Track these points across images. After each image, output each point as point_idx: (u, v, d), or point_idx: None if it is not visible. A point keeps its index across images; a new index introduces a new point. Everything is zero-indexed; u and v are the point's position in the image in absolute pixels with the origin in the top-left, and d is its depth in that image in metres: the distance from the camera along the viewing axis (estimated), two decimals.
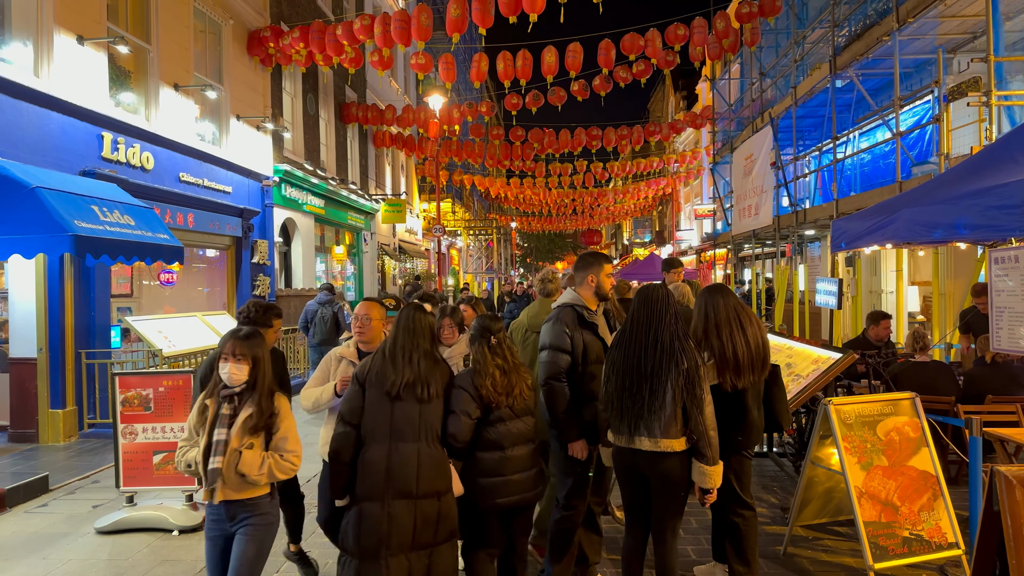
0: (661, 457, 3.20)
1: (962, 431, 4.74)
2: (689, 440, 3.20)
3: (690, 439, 3.20)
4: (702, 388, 3.17)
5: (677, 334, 3.23)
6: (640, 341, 3.26)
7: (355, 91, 18.50)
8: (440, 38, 17.11)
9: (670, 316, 3.26)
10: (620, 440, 3.32)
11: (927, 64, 10.43)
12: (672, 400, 3.16)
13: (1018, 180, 3.69)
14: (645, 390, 3.20)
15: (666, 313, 3.26)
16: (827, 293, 9.47)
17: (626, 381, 3.26)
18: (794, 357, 5.64)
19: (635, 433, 3.24)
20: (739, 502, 3.76)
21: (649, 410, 3.19)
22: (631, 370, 3.25)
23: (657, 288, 3.37)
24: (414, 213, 25.84)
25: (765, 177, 13.81)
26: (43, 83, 7.55)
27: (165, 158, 9.63)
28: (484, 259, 44.39)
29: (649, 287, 3.40)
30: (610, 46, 13.24)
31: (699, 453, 3.18)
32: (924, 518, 3.99)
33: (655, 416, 3.18)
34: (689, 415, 3.17)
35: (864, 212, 6.23)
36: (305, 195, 14.38)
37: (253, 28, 12.36)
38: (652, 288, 3.38)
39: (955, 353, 7.82)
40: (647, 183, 29.98)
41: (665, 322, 3.24)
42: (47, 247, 6.07)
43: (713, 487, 3.19)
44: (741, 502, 3.77)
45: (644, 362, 3.22)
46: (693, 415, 3.16)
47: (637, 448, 3.24)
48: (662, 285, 3.41)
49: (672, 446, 3.19)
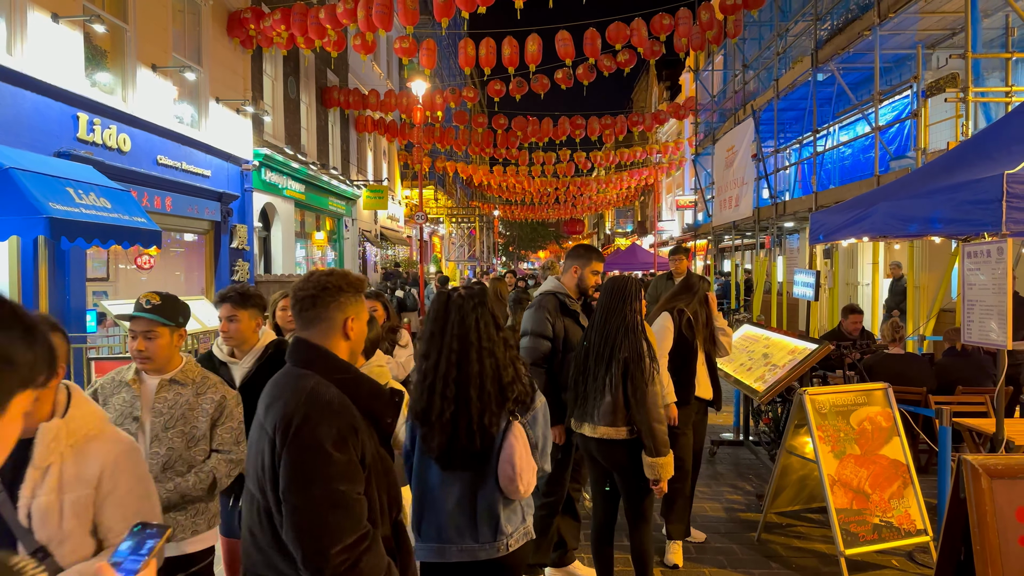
0: (605, 444, 3.27)
1: (933, 421, 4.84)
2: (632, 431, 3.20)
3: (633, 430, 3.20)
4: (644, 380, 3.14)
5: (624, 325, 3.23)
6: (597, 329, 3.33)
7: (337, 75, 18.30)
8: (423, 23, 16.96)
9: (625, 306, 3.26)
10: (574, 425, 3.42)
11: (907, 59, 10.55)
12: (611, 389, 3.18)
13: (992, 176, 3.75)
14: (589, 378, 3.28)
15: (621, 303, 3.27)
16: (804, 285, 9.59)
17: (578, 368, 3.36)
18: (771, 347, 5.72)
19: (582, 419, 3.33)
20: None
21: (590, 397, 3.26)
22: (582, 358, 3.35)
23: (620, 279, 3.41)
24: (396, 200, 25.68)
25: (746, 169, 13.91)
26: (16, 61, 7.37)
27: (142, 140, 9.47)
28: (467, 247, 44.30)
29: (615, 278, 3.44)
30: (595, 35, 13.22)
31: (643, 444, 3.17)
32: (894, 505, 4.08)
33: (595, 403, 3.25)
34: (629, 405, 3.17)
35: (842, 205, 6.30)
36: (285, 180, 14.22)
37: (233, 9, 12.15)
38: (616, 279, 3.42)
39: (928, 345, 7.98)
40: (630, 173, 30.05)
41: (616, 312, 3.26)
42: (20, 229, 5.96)
43: (659, 478, 3.14)
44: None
45: (591, 351, 3.30)
46: (632, 405, 3.15)
47: (582, 433, 3.34)
48: (629, 276, 3.45)
49: (610, 434, 3.23)
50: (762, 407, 6.40)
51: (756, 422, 6.87)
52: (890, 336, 5.87)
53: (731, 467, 6.23)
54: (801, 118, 13.47)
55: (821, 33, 10.72)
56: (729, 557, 4.34)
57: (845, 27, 9.88)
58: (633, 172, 29.98)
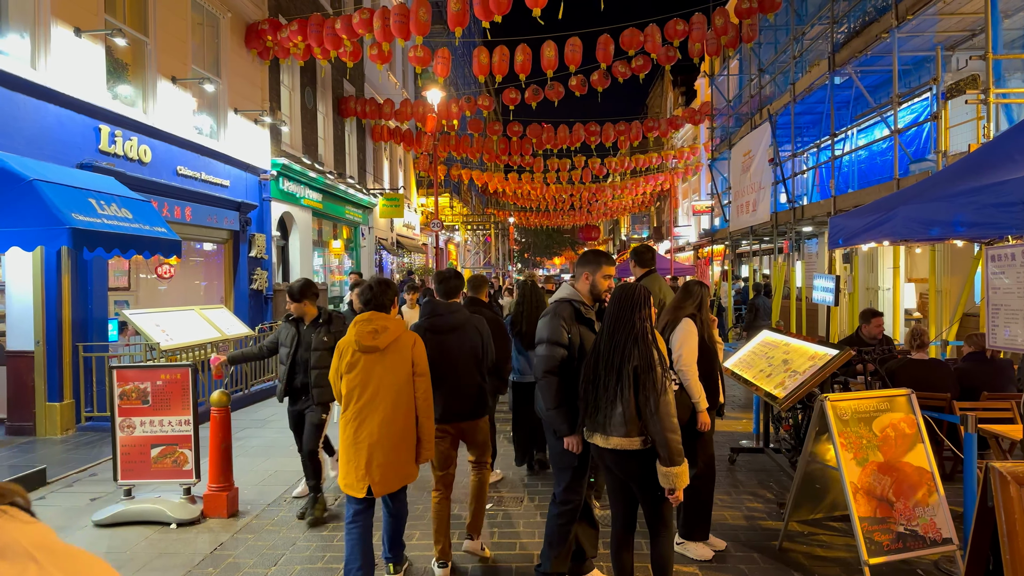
0: (619, 455, 3.23)
1: (957, 427, 4.76)
2: (646, 441, 3.16)
3: (647, 440, 3.16)
4: (655, 390, 3.08)
5: (634, 334, 3.18)
6: (605, 339, 3.29)
7: (353, 85, 18.45)
8: (438, 32, 17.06)
9: (634, 315, 3.22)
10: (587, 435, 3.40)
11: (926, 61, 10.44)
12: (624, 399, 3.14)
13: (1016, 178, 3.70)
14: (599, 387, 3.24)
15: (630, 311, 3.23)
16: (824, 290, 9.50)
17: (588, 377, 3.32)
18: (791, 353, 5.66)
19: (593, 429, 3.30)
20: None
21: (601, 407, 3.22)
22: (592, 367, 3.30)
23: (630, 287, 3.35)
24: (412, 207, 25.81)
25: (763, 173, 13.82)
26: (40, 75, 7.52)
27: (163, 151, 9.60)
28: (482, 254, 44.37)
29: (624, 285, 3.39)
30: (609, 41, 13.21)
31: (657, 454, 3.13)
32: (919, 514, 4.01)
33: (607, 414, 3.21)
34: (641, 415, 3.13)
35: (862, 209, 6.24)
36: (303, 189, 14.35)
37: (251, 21, 12.32)
38: (626, 286, 3.37)
39: (951, 350, 7.85)
40: (645, 179, 29.95)
41: (626, 321, 3.22)
42: (45, 240, 6.06)
43: (674, 487, 3.09)
44: None
45: (601, 360, 3.26)
46: (644, 415, 3.11)
47: (596, 444, 3.31)
48: (638, 284, 3.38)
49: (623, 444, 3.18)
50: (782, 414, 6.34)
51: (776, 429, 6.80)
52: (910, 342, 5.78)
53: (751, 475, 6.16)
54: (818, 122, 13.37)
55: (838, 36, 10.64)
56: (750, 566, 4.28)
57: (862, 30, 9.80)
58: (648, 177, 29.89)
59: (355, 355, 3.73)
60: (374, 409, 3.68)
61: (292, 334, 5.18)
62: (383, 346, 3.72)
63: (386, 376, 3.71)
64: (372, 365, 3.71)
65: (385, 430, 3.67)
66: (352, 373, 3.72)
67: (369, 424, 3.67)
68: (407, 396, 3.75)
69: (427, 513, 4.84)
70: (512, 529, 4.96)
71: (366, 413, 3.68)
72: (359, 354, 3.73)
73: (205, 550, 4.64)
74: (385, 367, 3.72)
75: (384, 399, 3.69)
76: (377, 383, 3.70)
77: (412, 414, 3.78)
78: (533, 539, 4.71)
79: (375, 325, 3.74)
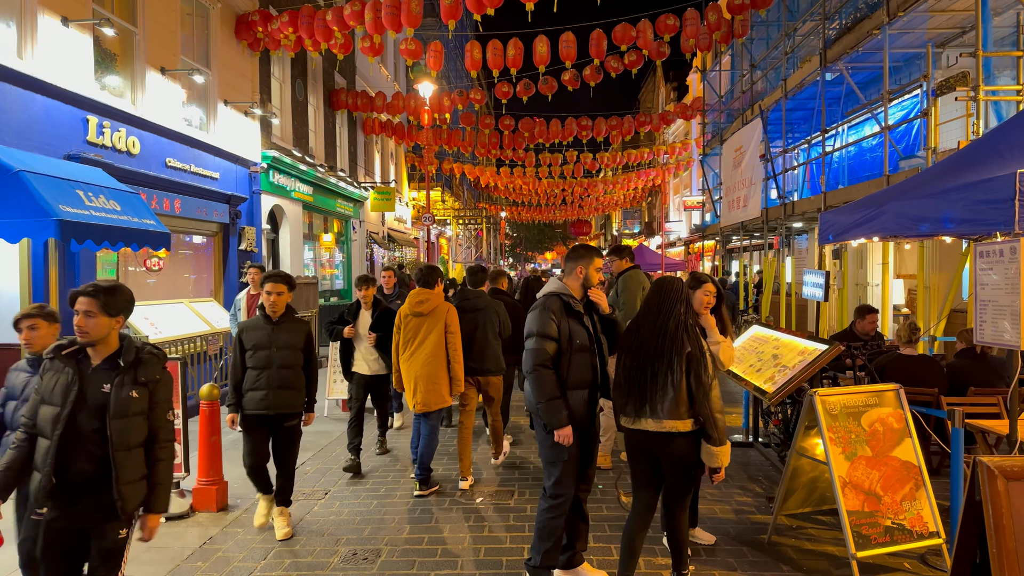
0: (668, 437, 3.41)
1: (945, 422, 4.80)
2: (696, 422, 3.38)
3: (697, 421, 3.37)
4: (707, 373, 3.37)
5: (683, 323, 3.43)
6: (648, 328, 3.48)
7: (344, 77, 18.34)
8: (430, 25, 16.97)
9: (680, 305, 3.45)
10: (627, 421, 3.54)
11: (916, 58, 10.48)
12: (675, 384, 3.35)
13: (1004, 175, 3.72)
14: (648, 373, 3.42)
15: (676, 302, 3.46)
16: (814, 285, 9.54)
17: (633, 365, 3.48)
18: (781, 348, 5.68)
19: (640, 415, 3.46)
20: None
21: (652, 392, 3.40)
22: (637, 355, 3.47)
23: (671, 280, 3.58)
24: (403, 201, 25.72)
25: (754, 169, 13.86)
26: (27, 65, 7.42)
27: (151, 143, 9.51)
28: (473, 248, 44.32)
29: (665, 278, 3.61)
30: (602, 36, 13.19)
31: (706, 434, 3.37)
32: (906, 508, 4.05)
33: (658, 398, 3.39)
34: (694, 398, 3.34)
35: (852, 205, 6.26)
36: (293, 182, 14.26)
37: (241, 12, 12.20)
38: (667, 279, 3.60)
39: (939, 345, 7.91)
40: (637, 174, 29.99)
41: (673, 311, 3.44)
42: (31, 232, 5.99)
43: (720, 466, 3.40)
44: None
45: (649, 347, 3.43)
46: (698, 398, 3.35)
47: (643, 429, 3.46)
48: (676, 278, 3.62)
49: (677, 427, 3.39)
50: (772, 408, 6.37)
51: (766, 424, 6.84)
52: (907, 337, 5.82)
53: (740, 469, 6.20)
54: (809, 118, 13.41)
55: (829, 32, 10.67)
56: (739, 559, 4.31)
57: (854, 26, 9.83)
58: (640, 173, 29.92)
59: (407, 318, 5.42)
60: (420, 354, 5.34)
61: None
62: (426, 312, 5.37)
63: (428, 333, 5.35)
64: (420, 325, 5.38)
65: (425, 369, 5.33)
66: (406, 329, 5.41)
67: (415, 364, 5.35)
68: (441, 347, 5.37)
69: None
70: (503, 523, 4.97)
71: (415, 357, 5.35)
72: (411, 317, 5.40)
73: (194, 544, 4.63)
74: (427, 327, 5.36)
75: (425, 348, 5.34)
76: (422, 337, 5.36)
77: (445, 359, 5.39)
78: (523, 533, 4.73)
79: (421, 297, 5.41)
